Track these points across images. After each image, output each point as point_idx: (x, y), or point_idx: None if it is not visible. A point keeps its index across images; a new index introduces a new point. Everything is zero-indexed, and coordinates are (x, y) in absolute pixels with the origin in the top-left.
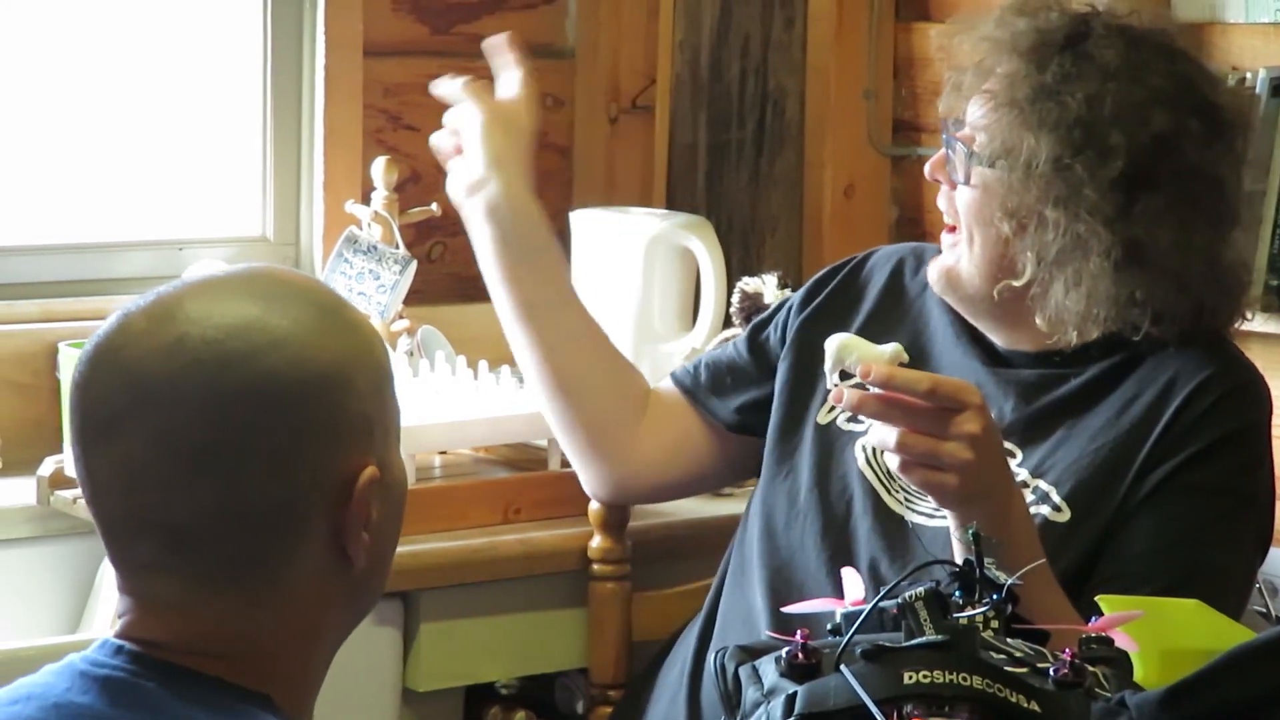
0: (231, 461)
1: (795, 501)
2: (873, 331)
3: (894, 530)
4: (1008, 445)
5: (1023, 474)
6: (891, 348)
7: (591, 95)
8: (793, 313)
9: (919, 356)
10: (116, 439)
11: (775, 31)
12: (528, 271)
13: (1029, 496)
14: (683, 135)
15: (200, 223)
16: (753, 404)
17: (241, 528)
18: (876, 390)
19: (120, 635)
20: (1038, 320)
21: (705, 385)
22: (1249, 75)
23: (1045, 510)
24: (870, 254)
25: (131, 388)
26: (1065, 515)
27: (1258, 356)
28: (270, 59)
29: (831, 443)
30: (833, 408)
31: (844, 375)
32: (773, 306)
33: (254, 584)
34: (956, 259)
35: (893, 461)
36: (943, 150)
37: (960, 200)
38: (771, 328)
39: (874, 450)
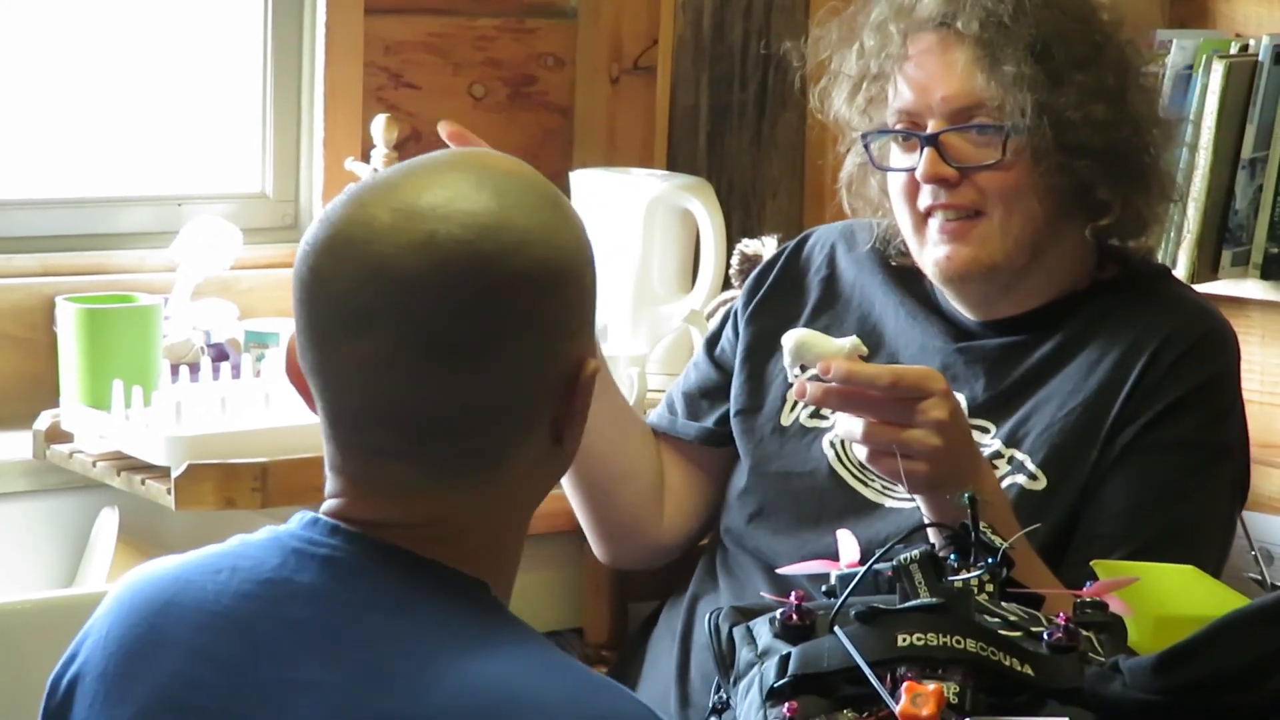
0: (480, 359)
1: (762, 502)
2: (820, 321)
3: (877, 520)
4: (981, 421)
5: (996, 444)
6: (849, 341)
7: (593, 55)
8: (738, 314)
9: (873, 340)
10: (365, 334)
11: None
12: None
13: (1004, 467)
14: (684, 96)
15: (200, 179)
16: (727, 415)
17: (484, 421)
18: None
19: (334, 515)
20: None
21: (683, 417)
22: (1252, 42)
23: (1021, 479)
24: (804, 239)
25: (382, 284)
26: (1041, 483)
27: (1257, 324)
28: (271, 16)
29: (796, 442)
30: (794, 406)
31: (804, 369)
32: (719, 318)
33: (484, 472)
34: (986, 246)
35: (860, 452)
36: (926, 150)
37: (990, 183)
38: (724, 339)
39: (844, 444)
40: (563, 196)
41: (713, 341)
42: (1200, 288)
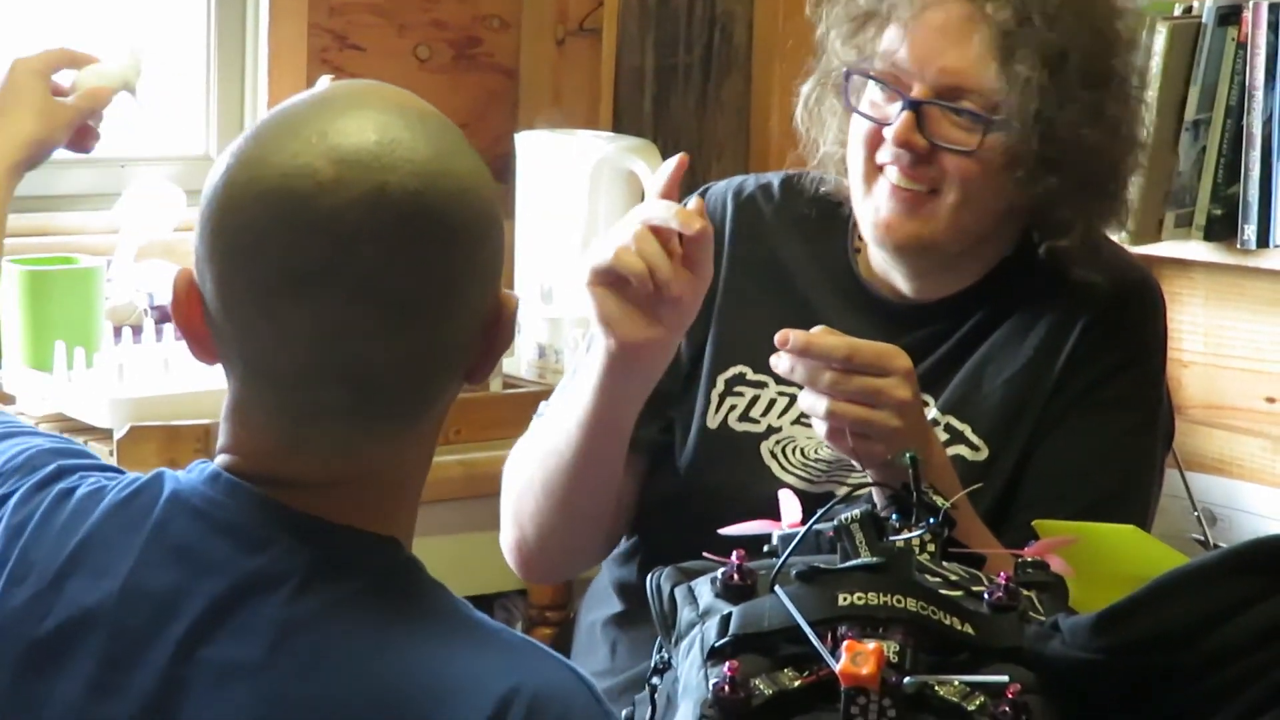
0: (430, 309)
1: (700, 519)
2: (734, 308)
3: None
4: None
5: (933, 413)
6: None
7: (538, 17)
8: None
9: (806, 323)
10: (314, 291)
11: None
12: (634, 407)
13: (943, 436)
14: (630, 58)
15: (143, 141)
16: (670, 423)
17: (427, 370)
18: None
19: (238, 472)
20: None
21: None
22: (1195, 4)
23: (963, 450)
24: (708, 201)
25: (332, 239)
26: (984, 453)
27: (1200, 285)
28: None
29: (730, 452)
30: (719, 407)
31: None
32: None
33: (412, 421)
34: (929, 224)
35: (820, 429)
36: (906, 113)
37: (956, 167)
38: None
39: (783, 449)
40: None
41: None
42: (1144, 249)
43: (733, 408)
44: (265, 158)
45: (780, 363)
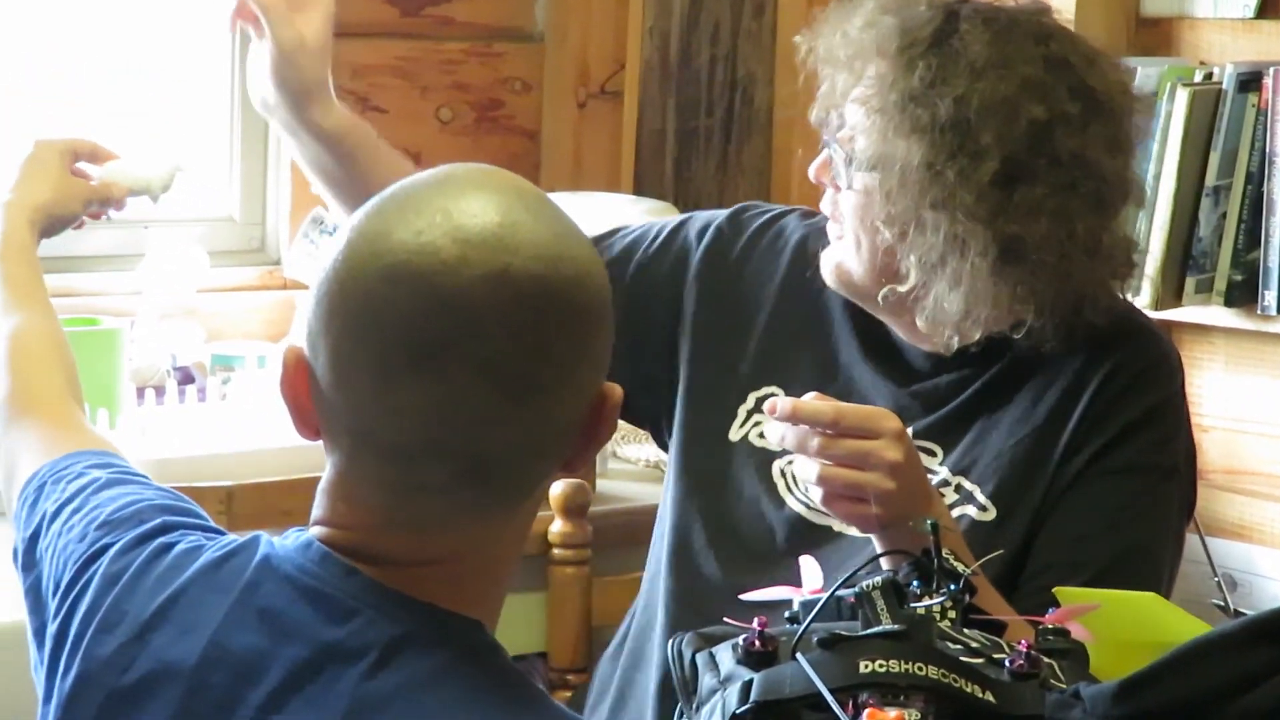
0: (544, 391)
1: (711, 526)
2: (777, 331)
3: (831, 551)
4: (927, 444)
5: (944, 472)
6: (168, 167)
7: (560, 80)
8: (693, 270)
9: (834, 372)
10: (433, 368)
11: (745, 19)
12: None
13: (951, 496)
14: (651, 121)
15: (166, 202)
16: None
17: (534, 453)
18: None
19: (329, 543)
20: (918, 322)
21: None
22: (1216, 70)
23: (971, 510)
24: (785, 220)
25: (454, 317)
26: (991, 514)
27: (1221, 351)
28: (239, 39)
29: (743, 464)
30: (744, 421)
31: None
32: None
33: (512, 506)
34: (844, 258)
35: (816, 495)
36: (825, 153)
37: (844, 204)
38: (683, 279)
39: (793, 474)
40: None
41: (678, 257)
42: (1164, 314)
43: (756, 423)
44: (388, 233)
45: (771, 432)
